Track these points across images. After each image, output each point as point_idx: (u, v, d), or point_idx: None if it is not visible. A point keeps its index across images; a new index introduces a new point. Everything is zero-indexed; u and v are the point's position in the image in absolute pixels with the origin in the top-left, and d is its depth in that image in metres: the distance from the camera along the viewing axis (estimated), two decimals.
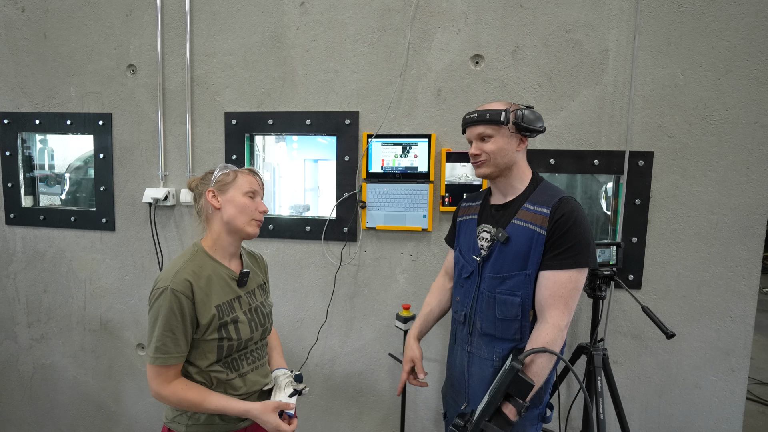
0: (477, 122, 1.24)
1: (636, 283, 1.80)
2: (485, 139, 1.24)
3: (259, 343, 1.29)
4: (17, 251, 2.30)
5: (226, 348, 1.17)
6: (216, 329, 1.14)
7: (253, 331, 1.23)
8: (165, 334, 1.09)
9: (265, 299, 1.35)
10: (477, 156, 1.26)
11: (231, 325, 1.17)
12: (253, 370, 1.25)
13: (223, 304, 1.17)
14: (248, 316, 1.23)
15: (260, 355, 1.29)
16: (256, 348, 1.28)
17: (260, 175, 1.30)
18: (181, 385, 1.12)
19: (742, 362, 1.77)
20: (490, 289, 1.25)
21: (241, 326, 1.19)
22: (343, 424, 2.10)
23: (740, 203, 1.71)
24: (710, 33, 1.68)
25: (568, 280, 1.15)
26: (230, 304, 1.19)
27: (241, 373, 1.21)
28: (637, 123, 1.75)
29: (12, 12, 2.17)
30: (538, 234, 1.17)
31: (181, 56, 2.04)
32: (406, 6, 1.85)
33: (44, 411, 2.39)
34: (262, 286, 1.35)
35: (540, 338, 1.14)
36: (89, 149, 2.27)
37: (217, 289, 1.17)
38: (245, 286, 1.26)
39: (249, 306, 1.25)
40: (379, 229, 1.94)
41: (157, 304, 1.10)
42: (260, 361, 1.29)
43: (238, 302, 1.21)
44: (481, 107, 1.27)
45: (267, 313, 1.32)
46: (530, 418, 1.25)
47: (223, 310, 1.17)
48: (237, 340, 1.18)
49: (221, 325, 1.15)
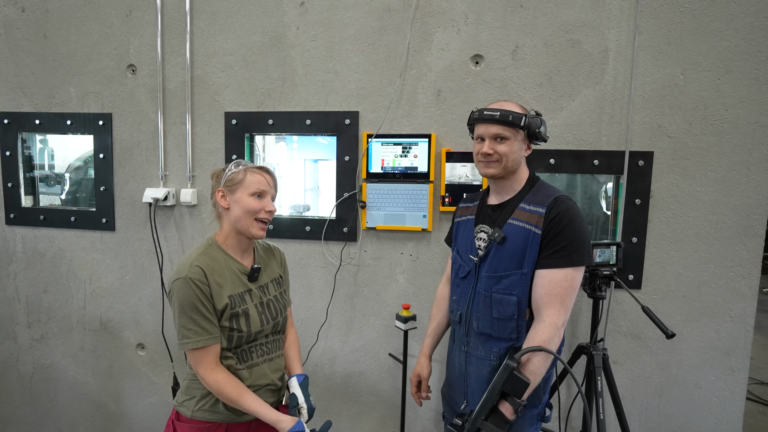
0: (497, 121, 1.21)
1: (636, 283, 1.79)
2: (500, 140, 1.22)
3: (271, 337, 1.30)
4: (17, 251, 2.30)
5: (236, 338, 1.20)
6: (228, 318, 1.18)
7: (263, 324, 1.25)
8: (188, 320, 1.14)
9: (281, 293, 1.35)
10: (489, 155, 1.23)
11: (242, 317, 1.21)
12: (264, 362, 1.27)
13: (235, 295, 1.21)
14: (259, 309, 1.25)
15: (271, 348, 1.30)
16: (267, 342, 1.29)
17: (272, 172, 1.29)
18: (223, 376, 1.17)
19: (742, 362, 1.77)
20: (486, 288, 1.25)
21: (252, 319, 1.22)
22: (343, 424, 2.10)
23: (740, 203, 1.71)
24: (710, 33, 1.68)
25: (563, 278, 1.15)
26: (241, 296, 1.23)
27: (250, 364, 1.24)
28: (637, 123, 1.75)
29: (12, 12, 2.17)
30: (534, 233, 1.18)
31: (181, 56, 2.04)
32: (406, 6, 1.85)
33: (44, 411, 2.39)
34: (277, 279, 1.36)
35: (536, 337, 1.14)
36: (89, 149, 2.27)
37: (229, 281, 1.21)
38: (257, 281, 1.29)
39: (260, 299, 1.27)
40: (379, 229, 1.94)
41: (177, 295, 1.14)
42: (271, 355, 1.29)
43: (249, 295, 1.25)
44: (497, 106, 1.24)
45: (281, 306, 1.32)
46: (529, 418, 1.25)
47: (235, 301, 1.21)
48: (247, 332, 1.21)
49: (232, 315, 1.19)
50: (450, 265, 1.48)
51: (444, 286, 1.53)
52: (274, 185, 1.30)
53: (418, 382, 1.47)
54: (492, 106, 1.25)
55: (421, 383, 1.47)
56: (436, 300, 1.54)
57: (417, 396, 1.48)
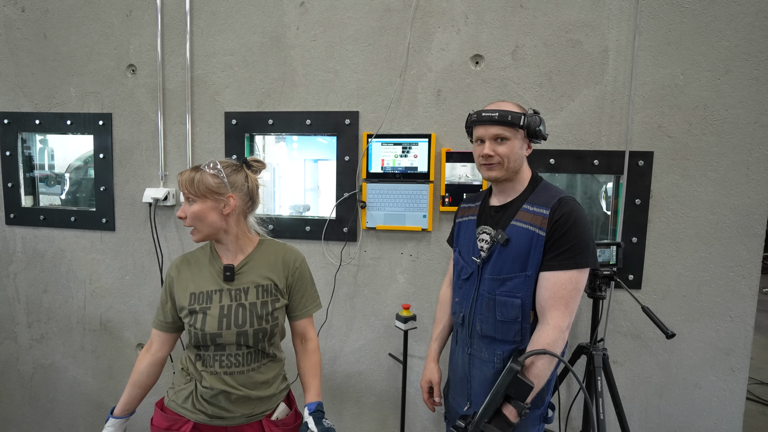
0: (496, 122, 1.20)
1: (636, 283, 1.79)
2: (501, 141, 1.21)
3: (243, 350, 1.22)
4: (17, 251, 2.30)
5: (193, 335, 1.22)
6: (187, 314, 1.23)
7: (221, 328, 1.20)
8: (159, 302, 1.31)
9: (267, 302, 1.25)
10: (490, 157, 1.22)
11: (199, 315, 1.21)
12: (227, 374, 1.22)
13: (200, 293, 1.24)
14: (222, 312, 1.21)
15: (241, 362, 1.22)
16: (237, 354, 1.22)
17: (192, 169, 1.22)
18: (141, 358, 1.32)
19: (742, 362, 1.77)
20: (489, 290, 1.24)
21: (209, 319, 1.20)
22: (344, 424, 2.10)
23: (740, 203, 1.71)
24: (710, 33, 1.68)
25: (568, 280, 1.14)
26: (209, 295, 1.23)
27: (210, 371, 1.23)
28: (637, 123, 1.75)
29: (12, 12, 2.17)
30: (538, 235, 1.17)
31: (181, 56, 2.04)
32: (406, 6, 1.85)
33: (44, 411, 2.39)
34: (266, 287, 1.26)
35: (541, 340, 1.14)
36: (89, 149, 2.27)
37: (201, 278, 1.25)
38: (232, 282, 1.25)
39: (230, 302, 1.22)
40: (379, 229, 1.94)
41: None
42: (241, 368, 1.22)
43: (218, 295, 1.23)
44: (495, 107, 1.23)
45: (258, 317, 1.22)
46: (532, 419, 1.24)
47: (197, 299, 1.23)
48: (201, 330, 1.20)
49: (191, 311, 1.22)
50: (452, 266, 1.46)
51: (447, 287, 1.51)
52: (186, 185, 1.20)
53: (429, 388, 1.46)
54: (490, 107, 1.24)
55: (433, 389, 1.45)
56: (440, 303, 1.52)
57: (430, 402, 1.45)
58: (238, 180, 1.24)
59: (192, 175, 1.20)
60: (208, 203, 1.20)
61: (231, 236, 1.25)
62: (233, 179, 1.23)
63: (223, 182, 1.21)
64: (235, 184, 1.23)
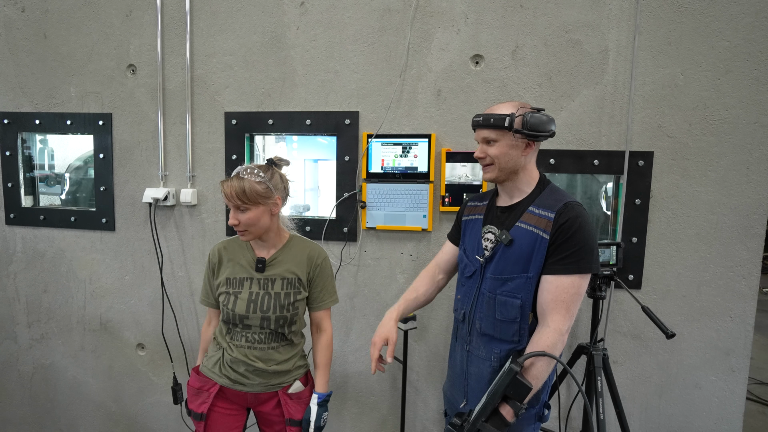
0: (481, 125, 1.24)
1: (636, 283, 1.79)
2: (490, 143, 1.24)
3: (264, 330, 1.40)
4: (17, 251, 2.30)
5: (225, 313, 1.40)
6: (222, 293, 1.41)
7: (249, 311, 1.38)
8: (203, 282, 1.51)
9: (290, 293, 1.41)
10: (482, 159, 1.26)
11: (231, 297, 1.40)
12: (250, 348, 1.40)
13: (234, 278, 1.41)
14: (251, 297, 1.39)
15: (263, 340, 1.40)
16: (258, 332, 1.40)
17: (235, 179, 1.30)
18: (205, 329, 1.55)
19: (742, 362, 1.77)
20: (491, 289, 1.25)
21: (239, 302, 1.38)
22: (344, 424, 2.10)
23: (740, 203, 1.71)
24: (710, 33, 1.68)
25: (570, 285, 1.15)
26: (241, 281, 1.41)
27: (236, 344, 1.41)
28: (637, 123, 1.75)
29: (12, 12, 2.17)
30: (542, 238, 1.17)
31: (181, 56, 2.04)
32: (406, 6, 1.85)
33: (44, 411, 2.39)
34: (290, 280, 1.41)
35: (541, 342, 1.14)
36: (89, 149, 2.27)
37: (236, 265, 1.42)
38: (262, 272, 1.41)
39: (258, 290, 1.40)
40: (379, 229, 1.94)
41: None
42: (261, 345, 1.41)
43: (249, 282, 1.41)
44: (489, 110, 1.26)
45: (280, 306, 1.39)
46: (527, 418, 1.25)
47: (231, 282, 1.41)
48: (231, 310, 1.38)
49: (224, 292, 1.41)
50: (441, 253, 1.50)
51: (433, 266, 1.48)
52: (236, 195, 1.28)
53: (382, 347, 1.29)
54: (485, 111, 1.27)
55: (389, 348, 1.28)
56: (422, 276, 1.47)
57: (378, 363, 1.30)
58: (277, 181, 1.36)
59: (240, 185, 1.29)
60: (260, 208, 1.32)
61: (271, 233, 1.41)
62: (274, 182, 1.35)
63: (269, 187, 1.33)
64: (277, 186, 1.36)
